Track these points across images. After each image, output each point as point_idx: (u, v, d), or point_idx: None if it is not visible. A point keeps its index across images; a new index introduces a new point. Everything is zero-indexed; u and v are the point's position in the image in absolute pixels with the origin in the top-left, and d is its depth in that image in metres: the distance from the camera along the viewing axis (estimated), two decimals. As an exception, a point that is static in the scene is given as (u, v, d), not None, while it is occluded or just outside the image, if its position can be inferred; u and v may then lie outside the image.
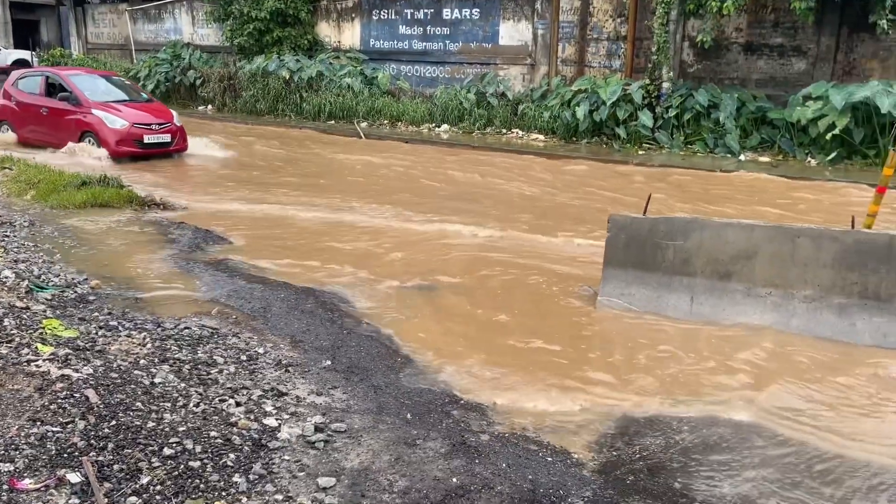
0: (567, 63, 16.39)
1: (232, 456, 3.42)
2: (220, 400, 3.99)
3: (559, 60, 16.46)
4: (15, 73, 14.15)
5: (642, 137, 13.92)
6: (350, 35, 19.98)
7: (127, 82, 14.52)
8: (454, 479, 3.40)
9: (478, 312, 5.81)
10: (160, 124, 12.60)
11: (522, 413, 4.20)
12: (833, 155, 12.00)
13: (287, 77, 18.78)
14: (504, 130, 16.20)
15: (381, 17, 19.19)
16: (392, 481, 3.35)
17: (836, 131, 11.71)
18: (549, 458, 3.70)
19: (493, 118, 16.45)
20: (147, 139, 12.33)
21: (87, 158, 12.04)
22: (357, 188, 10.80)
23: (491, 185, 11.14)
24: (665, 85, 13.74)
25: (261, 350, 4.79)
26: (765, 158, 12.67)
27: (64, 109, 12.63)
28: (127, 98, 13.22)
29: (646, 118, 13.75)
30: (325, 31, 20.51)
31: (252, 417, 3.82)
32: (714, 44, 13.58)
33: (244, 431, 3.65)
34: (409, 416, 4.04)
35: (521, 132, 15.91)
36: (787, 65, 13.59)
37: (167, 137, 12.64)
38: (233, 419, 3.78)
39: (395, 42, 19.04)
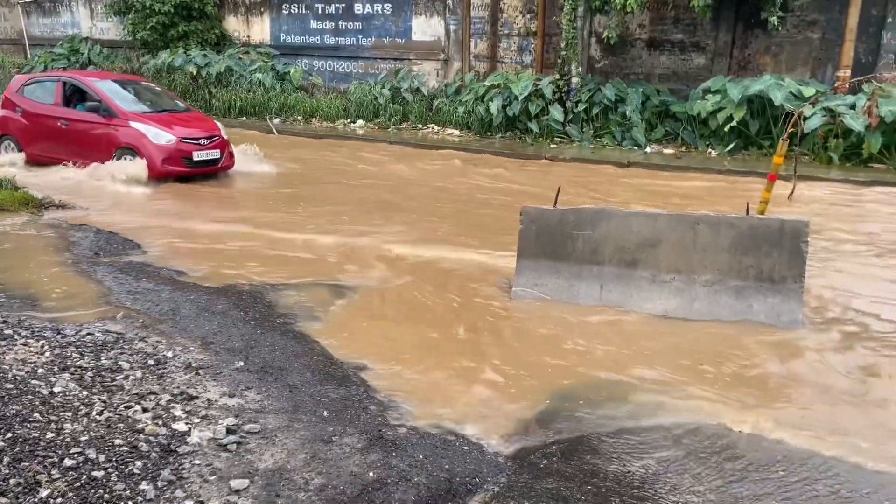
0: (480, 58, 16.55)
1: (139, 463, 3.30)
2: (125, 407, 3.84)
3: (472, 56, 16.61)
4: (19, 79, 11.75)
5: (554, 131, 14.22)
6: (259, 30, 19.53)
7: (158, 88, 12.45)
8: (371, 474, 3.40)
9: (394, 308, 5.81)
10: (209, 138, 10.71)
11: (440, 404, 4.23)
12: (731, 146, 12.61)
13: (194, 73, 18.17)
14: (419, 126, 16.22)
15: (292, 11, 18.84)
16: (308, 479, 3.32)
17: (734, 123, 12.31)
18: (466, 448, 3.75)
19: (409, 113, 16.45)
20: (196, 156, 10.45)
21: (122, 182, 9.98)
22: (276, 188, 10.59)
23: (412, 179, 11.15)
24: (574, 80, 14.07)
25: (169, 353, 4.64)
26: (669, 150, 13.18)
27: (92, 122, 10.54)
28: (163, 108, 11.26)
29: (556, 113, 14.06)
30: (234, 25, 19.97)
31: (160, 423, 3.70)
32: (619, 40, 14.01)
33: (152, 437, 3.53)
34: (325, 413, 4.00)
35: (436, 127, 15.97)
36: (687, 60, 14.19)
37: (216, 153, 10.76)
38: (139, 426, 3.64)
39: (307, 37, 18.74)
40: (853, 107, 11.36)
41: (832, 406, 4.26)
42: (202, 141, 10.59)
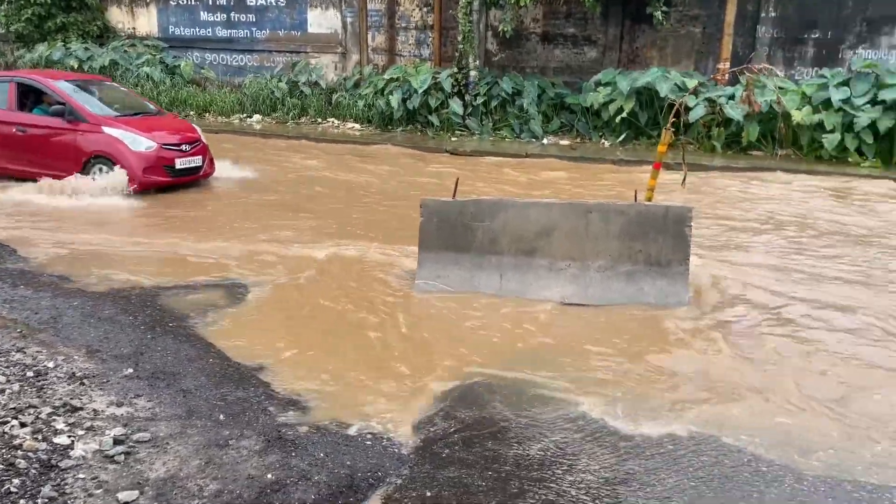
0: (378, 51, 16.46)
1: (16, 481, 3.10)
2: (0, 423, 3.59)
3: (370, 49, 16.49)
4: None
5: (454, 124, 14.33)
6: (146, 21, 18.64)
7: (123, 89, 11.28)
8: (269, 475, 3.32)
9: (296, 307, 5.69)
10: (190, 143, 9.74)
11: (342, 401, 4.19)
12: (623, 136, 13.11)
13: (76, 67, 17.15)
14: (319, 120, 15.98)
15: (180, 2, 18.08)
16: (202, 486, 3.21)
17: (624, 114, 12.80)
18: (368, 443, 3.73)
19: (308, 107, 16.17)
20: (179, 164, 9.48)
21: (98, 194, 8.89)
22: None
23: (315, 176, 10.97)
24: (472, 73, 14.22)
25: (50, 364, 4.36)
26: (565, 141, 13.55)
27: (56, 128, 9.25)
28: (135, 110, 10.15)
29: (456, 106, 14.17)
30: (118, 16, 18.97)
31: (40, 437, 3.48)
32: (515, 34, 14.26)
33: (31, 453, 3.32)
34: (221, 417, 3.88)
35: (336, 121, 15.78)
36: (580, 53, 14.62)
37: (199, 160, 9.81)
38: (17, 441, 3.42)
39: (197, 29, 18.05)
40: (732, 97, 12.04)
41: (715, 384, 4.48)
42: (184, 147, 9.61)
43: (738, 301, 5.82)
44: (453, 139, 13.97)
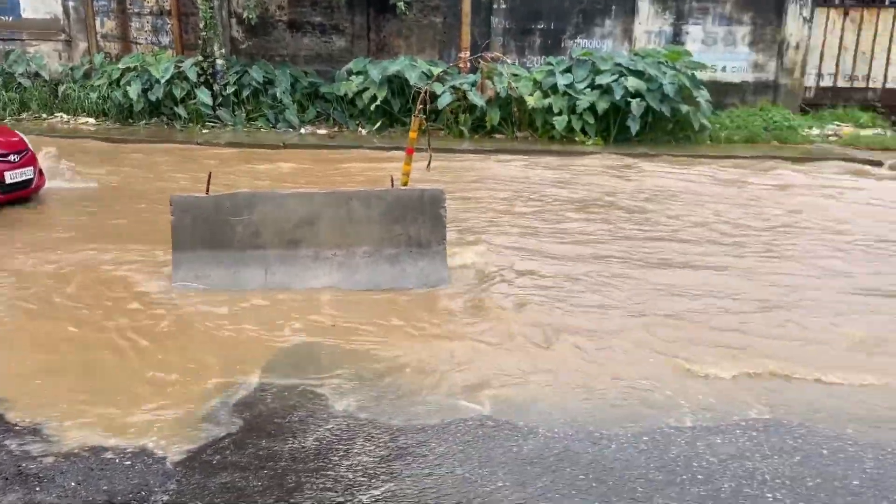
0: (109, 39, 15.06)
1: None
2: None
3: (99, 36, 15.03)
4: None
5: (204, 116, 13.62)
6: None
7: None
8: (10, 517, 2.96)
9: (35, 325, 5.07)
10: (18, 153, 8.08)
11: (96, 423, 3.83)
12: (378, 124, 13.37)
13: None
14: (45, 115, 14.28)
15: None
16: (-78, 545, 2.77)
17: (378, 102, 13.06)
18: (128, 462, 3.46)
19: (29, 101, 14.37)
20: (9, 178, 7.88)
21: None
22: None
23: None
24: (219, 62, 13.58)
25: None
26: (322, 130, 13.51)
27: None
28: None
29: (204, 96, 13.46)
30: None
31: None
32: (260, 21, 13.85)
33: None
34: (-57, 462, 3.36)
35: (66, 116, 14.21)
36: (329, 42, 14.62)
37: (29, 172, 8.19)
38: None
39: None
40: (475, 84, 12.84)
41: (475, 359, 4.75)
42: (12, 157, 8.03)
43: (491, 278, 6.16)
44: (204, 131, 13.27)
